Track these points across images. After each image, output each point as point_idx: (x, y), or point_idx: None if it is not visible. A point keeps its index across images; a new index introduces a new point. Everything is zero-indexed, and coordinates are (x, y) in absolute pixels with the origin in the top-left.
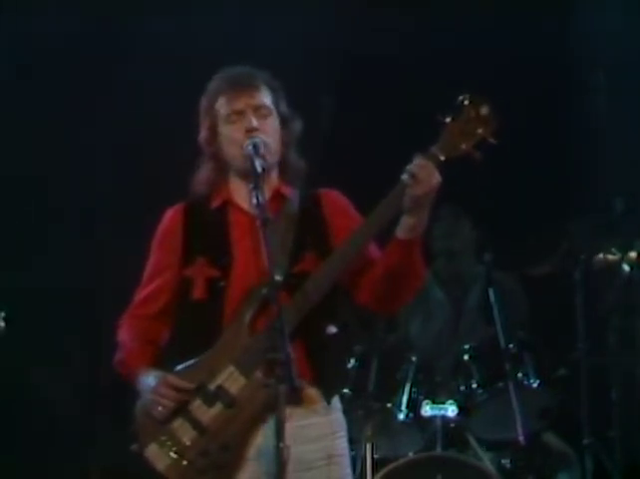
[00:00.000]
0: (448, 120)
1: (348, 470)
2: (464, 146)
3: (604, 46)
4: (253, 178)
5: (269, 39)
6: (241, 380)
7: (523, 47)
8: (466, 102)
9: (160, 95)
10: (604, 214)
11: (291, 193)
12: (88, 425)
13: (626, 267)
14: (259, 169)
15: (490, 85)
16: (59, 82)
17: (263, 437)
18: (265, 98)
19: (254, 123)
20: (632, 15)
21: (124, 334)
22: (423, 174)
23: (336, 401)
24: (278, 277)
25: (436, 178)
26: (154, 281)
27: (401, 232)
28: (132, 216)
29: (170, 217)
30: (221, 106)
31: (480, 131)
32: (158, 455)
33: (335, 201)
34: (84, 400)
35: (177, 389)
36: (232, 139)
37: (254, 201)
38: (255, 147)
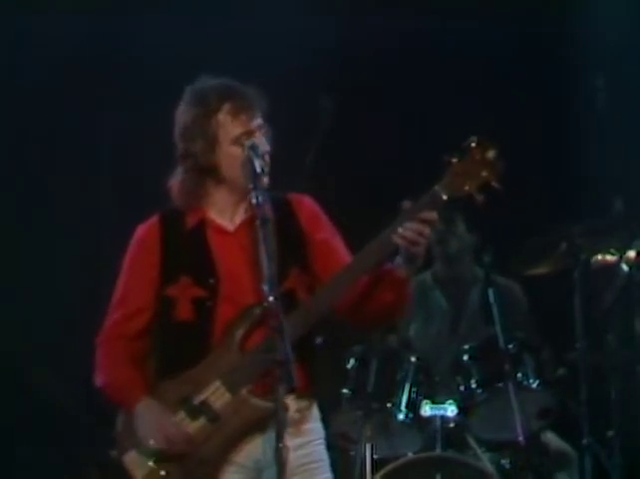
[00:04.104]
0: (454, 160)
1: (329, 474)
2: (467, 187)
3: (604, 46)
4: (252, 178)
5: (269, 39)
6: (227, 396)
7: (523, 47)
8: (473, 144)
9: (159, 95)
10: (603, 214)
11: (267, 204)
12: (88, 425)
13: (625, 267)
14: (258, 169)
15: (490, 85)
16: (58, 82)
17: (261, 447)
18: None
19: (267, 147)
20: (633, 16)
21: (107, 359)
22: (419, 238)
23: (316, 411)
24: (273, 296)
25: (429, 234)
26: (132, 299)
27: (401, 271)
28: (131, 217)
29: (145, 232)
30: (231, 125)
31: (484, 174)
32: (136, 463)
33: (309, 212)
34: (83, 399)
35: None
36: (240, 158)
37: (254, 201)
38: (254, 148)
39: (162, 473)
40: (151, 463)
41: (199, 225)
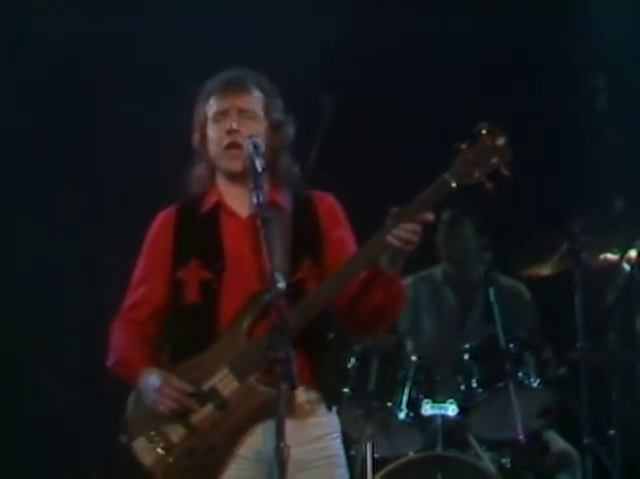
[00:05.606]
0: (463, 146)
1: (344, 469)
2: (477, 174)
3: (604, 46)
4: (253, 177)
5: (269, 39)
6: (234, 384)
7: (523, 47)
8: (483, 131)
9: (159, 95)
10: (604, 213)
11: (284, 197)
12: (88, 425)
13: (626, 267)
14: (259, 168)
15: (491, 85)
16: (58, 82)
17: (262, 438)
18: (253, 101)
19: (234, 124)
20: (633, 16)
21: (118, 340)
22: (414, 237)
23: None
24: (281, 284)
25: (419, 233)
26: (144, 285)
27: (390, 268)
28: (130, 215)
29: (162, 220)
30: (210, 106)
31: (494, 160)
32: (145, 449)
33: (329, 208)
34: (84, 399)
35: (180, 391)
36: (214, 138)
37: (254, 200)
38: (255, 146)
39: (171, 460)
40: (159, 450)
41: (214, 208)
